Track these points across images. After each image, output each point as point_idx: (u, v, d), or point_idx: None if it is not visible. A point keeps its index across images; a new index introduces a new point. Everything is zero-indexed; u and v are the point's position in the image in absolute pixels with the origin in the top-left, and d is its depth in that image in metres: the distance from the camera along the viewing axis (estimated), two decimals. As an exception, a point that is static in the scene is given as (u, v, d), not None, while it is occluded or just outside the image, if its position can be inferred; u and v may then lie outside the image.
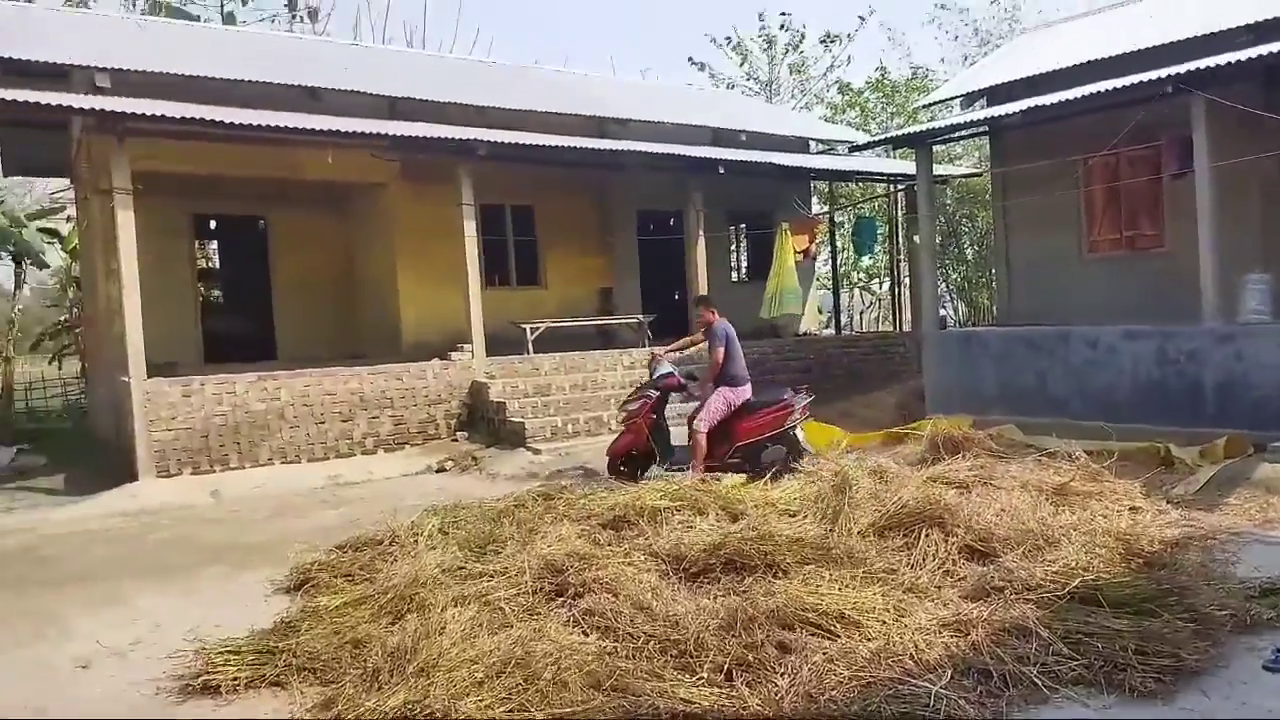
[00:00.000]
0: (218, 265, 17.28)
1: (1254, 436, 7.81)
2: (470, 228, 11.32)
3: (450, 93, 13.15)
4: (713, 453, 7.91)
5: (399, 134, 10.62)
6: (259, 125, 9.63)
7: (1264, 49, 8.24)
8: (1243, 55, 8.34)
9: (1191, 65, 8.53)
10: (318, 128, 9.95)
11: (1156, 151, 10.22)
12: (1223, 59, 8.46)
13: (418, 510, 6.82)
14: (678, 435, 8.50)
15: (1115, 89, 9.08)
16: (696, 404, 8.32)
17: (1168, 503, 6.41)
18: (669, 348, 8.96)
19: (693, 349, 9.35)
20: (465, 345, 11.40)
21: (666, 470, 7.87)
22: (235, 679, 4.03)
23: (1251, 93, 8.68)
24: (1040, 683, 3.59)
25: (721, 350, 8.02)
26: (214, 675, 4.04)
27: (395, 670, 3.88)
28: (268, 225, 14.48)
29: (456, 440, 10.82)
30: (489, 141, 11.06)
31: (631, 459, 8.20)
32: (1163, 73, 8.69)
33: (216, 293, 16.58)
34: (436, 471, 9.87)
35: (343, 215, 14.78)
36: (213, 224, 15.36)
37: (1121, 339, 9.29)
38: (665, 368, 8.32)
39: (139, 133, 9.36)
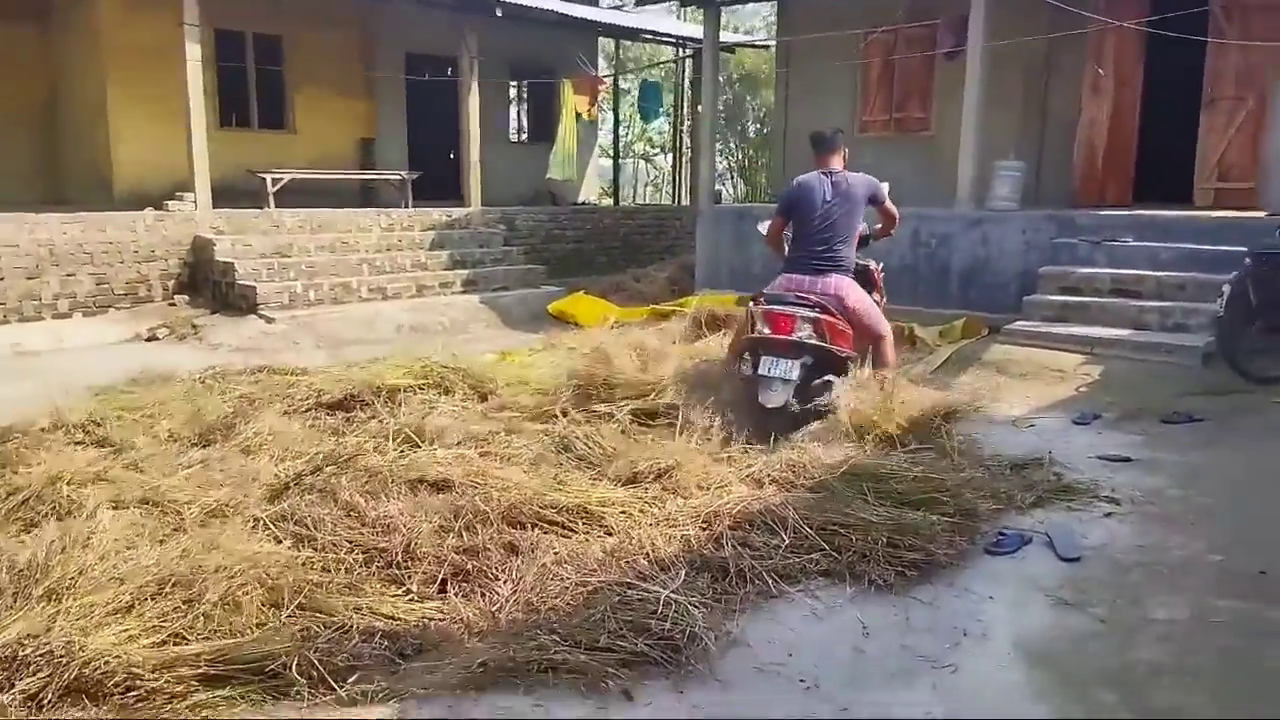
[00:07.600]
0: None
1: (990, 319, 8.20)
2: (194, 51, 9.54)
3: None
4: None
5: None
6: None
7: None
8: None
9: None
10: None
11: (934, 30, 10.23)
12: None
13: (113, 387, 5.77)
14: None
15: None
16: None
17: (907, 381, 6.53)
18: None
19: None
20: (187, 194, 9.81)
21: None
22: None
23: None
24: (771, 580, 3.37)
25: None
26: None
27: (20, 594, 3.05)
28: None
29: (174, 305, 9.38)
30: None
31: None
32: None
33: None
34: (147, 340, 8.53)
35: (43, 30, 12.16)
36: None
37: (883, 220, 9.43)
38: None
39: None
